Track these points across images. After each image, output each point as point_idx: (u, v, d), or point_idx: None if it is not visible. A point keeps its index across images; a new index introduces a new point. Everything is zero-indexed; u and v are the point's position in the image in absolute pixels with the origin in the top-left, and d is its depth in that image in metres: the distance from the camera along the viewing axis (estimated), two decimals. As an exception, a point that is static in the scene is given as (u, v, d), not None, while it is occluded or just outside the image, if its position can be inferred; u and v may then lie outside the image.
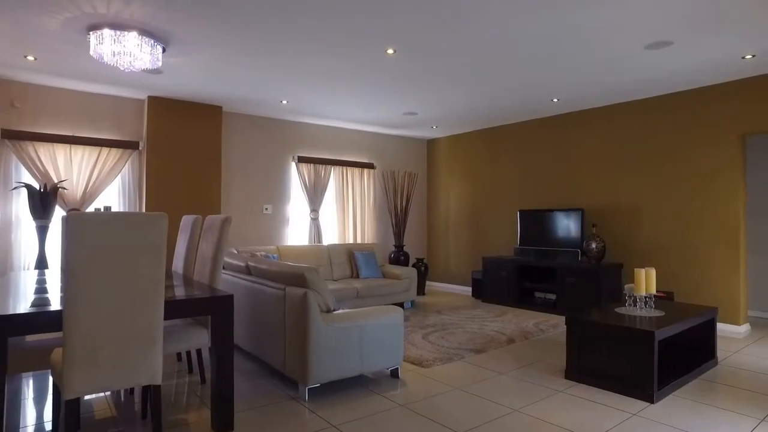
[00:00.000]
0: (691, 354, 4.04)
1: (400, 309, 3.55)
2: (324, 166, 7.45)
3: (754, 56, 4.56)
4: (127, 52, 3.78)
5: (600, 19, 3.69)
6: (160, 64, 4.19)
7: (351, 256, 6.63)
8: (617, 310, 3.82)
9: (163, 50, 4.17)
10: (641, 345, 3.21)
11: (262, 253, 5.55)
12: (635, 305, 3.80)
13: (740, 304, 5.21)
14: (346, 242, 7.66)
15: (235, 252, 5.11)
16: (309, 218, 7.30)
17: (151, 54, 3.93)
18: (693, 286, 5.49)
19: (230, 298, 2.63)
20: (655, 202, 5.83)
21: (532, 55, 4.45)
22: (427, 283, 8.74)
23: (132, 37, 3.76)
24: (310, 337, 3.06)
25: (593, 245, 5.90)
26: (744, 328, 5.25)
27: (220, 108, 6.37)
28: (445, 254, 8.56)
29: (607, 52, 4.36)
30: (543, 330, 5.18)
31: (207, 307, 2.58)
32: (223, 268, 4.38)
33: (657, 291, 5.30)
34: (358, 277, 6.46)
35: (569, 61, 4.58)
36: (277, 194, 7.12)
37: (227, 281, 4.20)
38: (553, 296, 6.36)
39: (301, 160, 7.24)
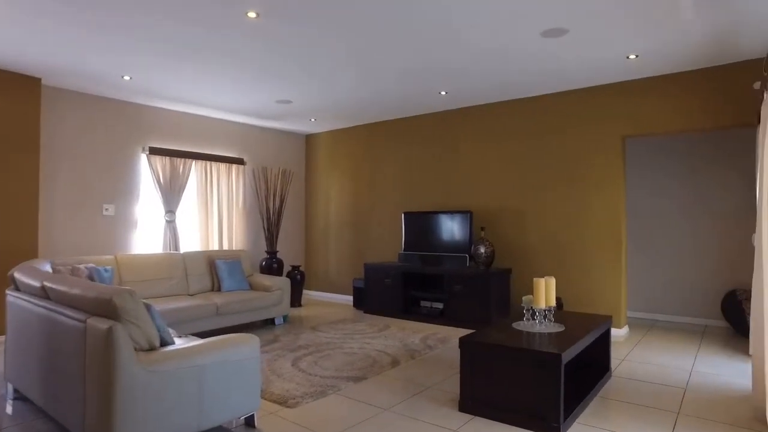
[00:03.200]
0: (587, 369, 3.71)
1: (256, 338, 2.72)
2: (183, 159, 6.32)
3: (637, 56, 4.43)
4: None
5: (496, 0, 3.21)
6: None
7: (212, 266, 5.61)
8: (515, 325, 3.35)
9: None
10: (546, 370, 2.73)
11: (89, 266, 4.36)
12: (533, 318, 3.36)
13: (621, 307, 5.12)
14: (211, 249, 6.59)
15: (50, 265, 3.89)
16: (164, 221, 6.13)
17: None
18: (579, 291, 5.33)
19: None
20: (541, 204, 5.62)
21: (418, 38, 3.88)
22: (305, 292, 7.92)
23: None
24: (118, 389, 2.13)
25: (482, 250, 5.53)
26: (624, 331, 5.18)
27: (38, 81, 5.02)
28: (325, 261, 7.81)
29: (502, 37, 3.92)
30: (431, 346, 4.65)
31: None
32: (17, 288, 3.21)
33: (545, 298, 5.03)
34: (220, 290, 5.47)
35: (460, 47, 4.09)
36: (122, 191, 5.86)
37: (16, 308, 3.05)
38: (440, 305, 5.91)
39: (154, 151, 6.05)
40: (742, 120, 4.63)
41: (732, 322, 5.40)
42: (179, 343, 2.57)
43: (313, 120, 7.06)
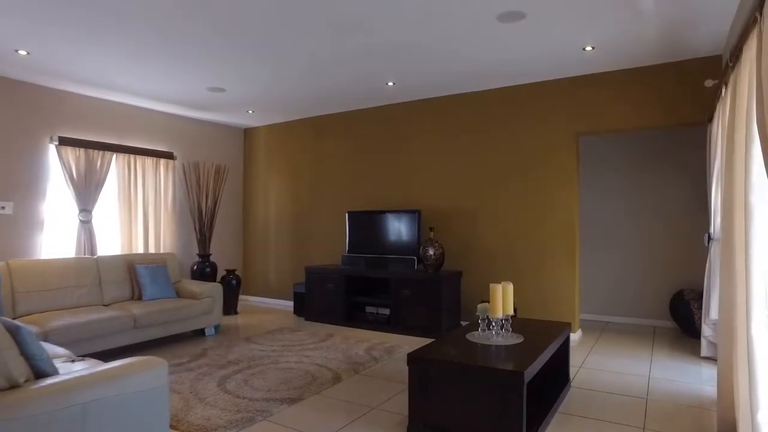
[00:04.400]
0: (546, 380, 3.42)
1: (162, 363, 2.23)
2: (101, 152, 5.62)
3: (593, 48, 4.23)
4: None
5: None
6: None
7: (132, 272, 4.98)
8: (470, 336, 3.00)
9: None
10: (506, 390, 2.39)
11: (-28, 272, 3.67)
12: (490, 329, 3.03)
13: (575, 310, 4.93)
14: (136, 252, 5.92)
15: None
16: (78, 221, 5.42)
17: None
18: (532, 294, 5.09)
19: None
20: (494, 203, 5.35)
21: (361, 17, 3.48)
22: (243, 298, 7.34)
23: None
24: (-40, 445, 1.59)
25: (431, 252, 5.19)
26: (578, 335, 4.99)
27: None
28: (265, 264, 7.27)
29: (455, 17, 3.58)
30: (376, 358, 4.25)
31: None
32: None
33: (497, 302, 4.75)
34: (141, 298, 4.85)
35: (408, 28, 3.71)
36: (24, 187, 5.11)
37: None
38: (387, 311, 5.53)
39: (66, 142, 5.33)
40: (693, 118, 4.53)
41: (680, 323, 5.34)
42: (74, 369, 2.04)
43: (250, 112, 6.52)
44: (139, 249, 6.03)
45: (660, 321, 5.67)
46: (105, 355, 4.18)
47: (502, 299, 2.87)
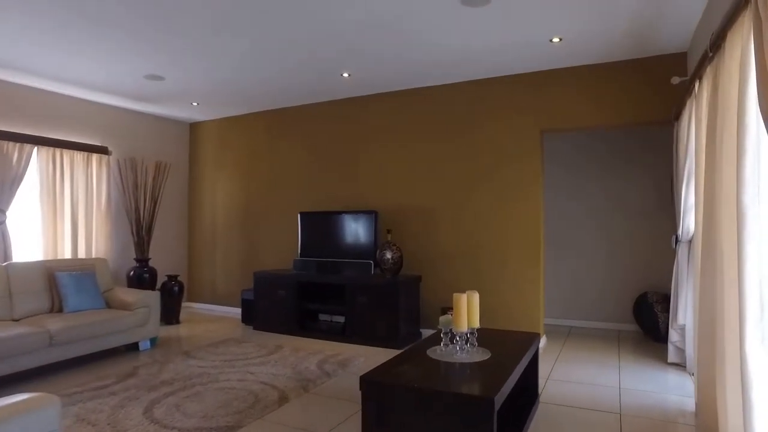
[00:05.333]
0: (515, 398, 3.14)
1: (53, 400, 1.79)
2: (18, 144, 4.99)
3: (561, 40, 4.00)
4: None
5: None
6: None
7: (52, 280, 4.41)
8: (431, 353, 2.67)
9: None
10: (475, 418, 2.07)
11: None
12: (453, 343, 2.71)
13: (540, 316, 4.71)
14: (61, 257, 5.31)
15: None
16: (-9, 222, 4.79)
17: None
18: (496, 299, 4.83)
19: None
20: (455, 204, 5.06)
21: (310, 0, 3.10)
22: (187, 306, 6.80)
23: None
24: None
25: (388, 255, 4.85)
26: (543, 342, 4.76)
27: None
28: (212, 268, 6.75)
29: (415, 2, 3.26)
30: (329, 372, 3.87)
31: None
32: None
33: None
34: (62, 310, 4.29)
35: (362, 10, 3.36)
36: (-76, 184, 4.45)
37: None
38: (341, 319, 5.15)
39: (-23, 133, 4.71)
40: (659, 116, 4.38)
41: (643, 326, 5.21)
42: None
43: (195, 104, 6.01)
44: (66, 254, 5.42)
45: (624, 324, 5.53)
46: (12, 380, 3.64)
47: (467, 310, 2.56)
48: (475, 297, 2.59)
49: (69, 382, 3.62)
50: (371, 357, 4.36)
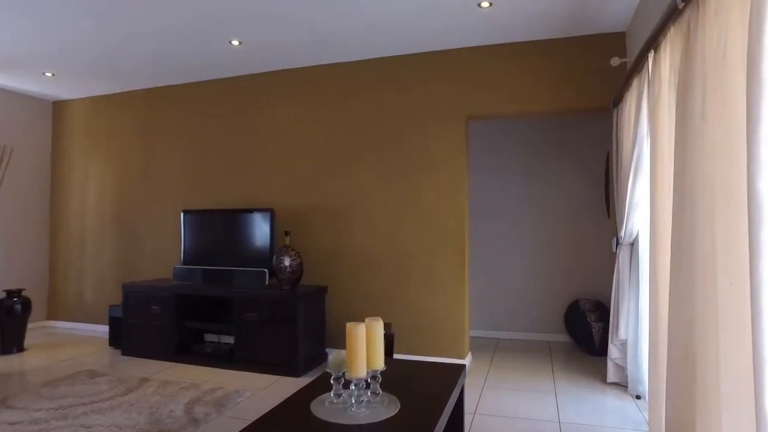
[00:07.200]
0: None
1: None
2: None
3: (491, 5, 3.35)
4: None
5: None
6: None
7: None
8: (315, 407, 1.86)
9: None
10: None
11: None
12: (350, 387, 1.91)
13: (465, 330, 4.06)
14: None
15: None
16: None
17: None
18: (414, 312, 4.12)
19: None
20: (367, 201, 4.31)
21: None
22: (46, 325, 5.55)
23: None
24: None
25: (286, 262, 4.00)
26: (468, 360, 4.12)
27: None
28: (79, 279, 5.55)
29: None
30: (197, 419, 2.95)
31: None
32: None
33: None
34: None
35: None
36: None
37: None
38: (231, 339, 4.23)
39: None
40: (598, 102, 3.87)
41: (575, 337, 4.72)
42: None
43: (50, 75, 4.82)
44: None
45: (554, 335, 5.02)
46: None
47: (368, 347, 1.78)
48: (378, 327, 1.81)
49: None
50: (262, 390, 3.49)
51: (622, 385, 3.53)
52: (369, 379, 1.86)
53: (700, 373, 1.78)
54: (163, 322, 4.29)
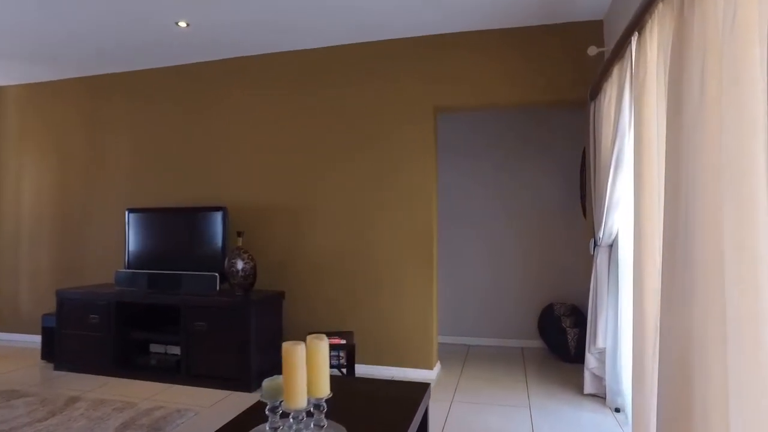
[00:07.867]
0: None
1: None
2: None
3: (459, -15, 3.08)
4: None
5: None
6: None
7: None
8: (247, 447, 1.53)
9: None
10: None
11: None
12: (288, 419, 1.59)
13: (433, 338, 3.78)
14: None
15: None
16: None
17: None
18: (377, 319, 3.82)
19: None
20: (328, 200, 3.99)
21: None
22: (-24, 335, 5.05)
23: None
24: None
25: (239, 265, 3.64)
26: (437, 371, 3.84)
27: None
28: (13, 284, 5.05)
29: None
30: (126, 447, 2.58)
31: None
32: None
33: (332, 336, 3.39)
34: None
35: None
36: None
37: None
38: (178, 351, 3.84)
39: None
40: (573, 95, 3.64)
41: (549, 343, 4.49)
42: None
43: (-24, 58, 4.35)
44: None
45: (527, 341, 4.78)
46: None
47: (309, 372, 1.46)
48: (322, 347, 1.50)
49: None
50: (207, 408, 3.13)
51: (599, 397, 3.31)
52: (312, 409, 1.54)
53: (699, 394, 1.52)
54: (101, 333, 3.88)
